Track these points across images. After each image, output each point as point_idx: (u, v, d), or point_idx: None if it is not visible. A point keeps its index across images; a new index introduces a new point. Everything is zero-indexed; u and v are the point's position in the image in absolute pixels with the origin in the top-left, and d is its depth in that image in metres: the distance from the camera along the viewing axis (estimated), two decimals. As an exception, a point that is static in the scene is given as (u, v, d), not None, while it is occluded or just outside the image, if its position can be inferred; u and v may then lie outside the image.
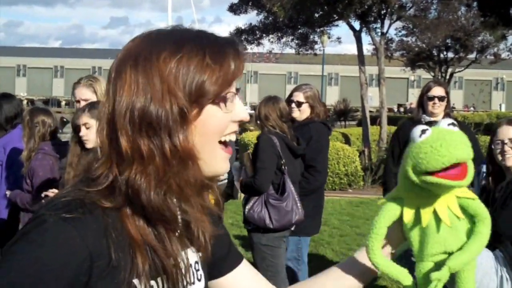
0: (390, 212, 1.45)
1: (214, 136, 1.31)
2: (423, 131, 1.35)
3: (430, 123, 5.51)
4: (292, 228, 5.33)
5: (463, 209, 1.37)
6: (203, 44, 1.30)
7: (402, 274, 1.45)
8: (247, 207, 5.23)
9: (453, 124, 1.33)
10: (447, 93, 5.75)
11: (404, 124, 6.03)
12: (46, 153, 4.86)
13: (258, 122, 5.45)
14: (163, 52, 1.26)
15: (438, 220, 1.37)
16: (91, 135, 3.94)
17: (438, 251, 1.39)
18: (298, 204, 5.17)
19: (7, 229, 5.55)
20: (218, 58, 1.29)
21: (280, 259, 5.28)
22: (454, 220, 1.37)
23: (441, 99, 5.62)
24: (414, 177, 1.35)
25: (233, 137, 1.36)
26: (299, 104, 5.75)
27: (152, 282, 1.26)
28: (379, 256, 1.45)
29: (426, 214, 1.37)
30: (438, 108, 5.62)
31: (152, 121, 1.23)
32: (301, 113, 5.77)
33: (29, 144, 4.98)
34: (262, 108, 5.36)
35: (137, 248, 1.24)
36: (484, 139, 13.78)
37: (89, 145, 3.99)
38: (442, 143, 1.31)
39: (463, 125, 6.07)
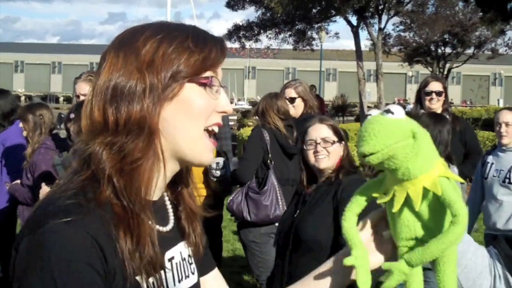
0: (369, 187, 1.50)
1: (198, 118, 1.33)
2: (366, 116, 1.41)
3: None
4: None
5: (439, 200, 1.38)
6: (187, 30, 1.36)
7: (355, 243, 1.46)
8: (229, 198, 5.24)
9: (387, 111, 1.35)
10: (445, 88, 5.72)
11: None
12: (49, 148, 4.87)
13: (256, 117, 5.45)
14: (145, 33, 1.33)
15: (405, 204, 1.39)
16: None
17: (408, 236, 1.41)
18: (280, 201, 5.14)
19: (6, 222, 5.57)
20: (200, 43, 1.33)
21: (269, 255, 5.26)
22: (423, 207, 1.39)
23: (438, 94, 5.60)
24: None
25: (216, 129, 1.38)
26: (292, 100, 5.74)
27: (151, 279, 1.27)
28: (349, 220, 1.48)
29: (398, 198, 1.39)
30: (436, 104, 5.59)
31: (119, 92, 1.28)
32: (296, 109, 5.75)
33: (34, 137, 4.99)
34: (261, 103, 5.37)
35: (123, 225, 1.24)
36: (482, 134, 13.79)
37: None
38: (360, 135, 1.36)
39: (462, 120, 6.04)
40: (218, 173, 5.12)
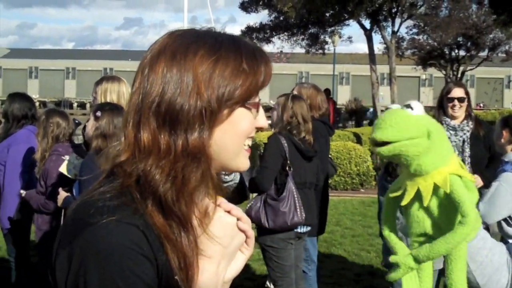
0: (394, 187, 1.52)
1: (243, 137, 1.35)
2: (387, 109, 1.45)
3: (454, 129, 5.45)
4: (301, 230, 5.29)
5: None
6: (240, 49, 1.34)
7: (397, 246, 1.48)
8: (248, 205, 5.23)
9: (407, 106, 1.37)
10: (467, 93, 5.65)
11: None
12: (60, 155, 4.90)
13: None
14: (200, 50, 1.30)
15: (416, 200, 1.41)
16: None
17: (418, 231, 1.44)
18: (298, 208, 5.11)
19: (19, 228, 5.63)
20: (253, 65, 1.33)
21: (287, 260, 5.24)
22: (431, 204, 1.40)
23: (461, 100, 5.54)
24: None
25: (250, 142, 1.40)
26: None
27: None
28: (386, 227, 1.52)
29: (409, 193, 1.42)
30: (459, 111, 5.53)
31: (175, 114, 1.26)
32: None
33: (42, 144, 5.03)
34: (290, 108, 5.32)
35: (170, 243, 1.26)
36: (496, 138, 13.69)
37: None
38: (376, 123, 1.40)
39: (486, 125, 5.95)
40: (227, 178, 5.12)
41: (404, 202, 1.42)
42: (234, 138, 1.33)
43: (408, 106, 1.37)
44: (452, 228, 1.37)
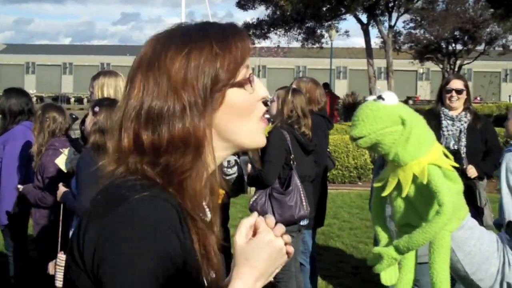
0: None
1: (247, 114, 1.38)
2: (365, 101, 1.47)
3: (452, 119, 5.48)
4: (303, 223, 5.30)
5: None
6: (208, 34, 1.36)
7: (381, 236, 1.48)
8: (252, 199, 5.21)
9: (379, 97, 1.38)
10: (466, 86, 5.69)
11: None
12: (56, 149, 4.90)
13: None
14: (169, 51, 1.33)
15: (398, 191, 1.42)
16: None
17: (402, 222, 1.44)
18: (304, 201, 5.12)
19: (17, 222, 5.63)
20: (224, 44, 1.35)
21: None
22: (413, 194, 1.40)
23: (459, 92, 5.57)
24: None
25: (267, 116, 1.42)
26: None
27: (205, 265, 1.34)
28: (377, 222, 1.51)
29: (389, 184, 1.42)
30: (456, 102, 5.56)
31: (155, 116, 1.30)
32: None
33: (39, 139, 5.03)
34: (291, 102, 5.32)
35: (193, 224, 1.31)
36: (493, 131, 13.73)
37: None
38: (352, 119, 1.43)
39: (483, 118, 5.96)
40: (229, 171, 5.10)
41: (384, 193, 1.42)
42: (239, 117, 1.36)
43: (380, 97, 1.38)
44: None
